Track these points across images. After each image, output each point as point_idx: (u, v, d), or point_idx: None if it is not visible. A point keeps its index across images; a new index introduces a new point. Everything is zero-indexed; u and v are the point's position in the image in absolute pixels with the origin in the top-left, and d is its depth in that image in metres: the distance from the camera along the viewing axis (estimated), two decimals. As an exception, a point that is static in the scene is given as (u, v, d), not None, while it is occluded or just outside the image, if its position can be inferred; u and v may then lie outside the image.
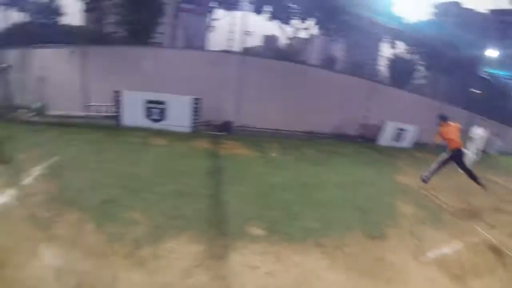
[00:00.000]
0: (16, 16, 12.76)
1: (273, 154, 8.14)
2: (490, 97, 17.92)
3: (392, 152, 10.99)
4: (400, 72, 19.92)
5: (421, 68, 20.42)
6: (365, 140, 11.36)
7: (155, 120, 9.71)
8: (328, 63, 19.48)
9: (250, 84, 9.44)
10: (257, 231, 4.68)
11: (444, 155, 7.96)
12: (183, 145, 8.48)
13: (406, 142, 12.49)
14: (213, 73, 10.31)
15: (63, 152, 7.66)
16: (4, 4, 12.94)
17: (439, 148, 8.28)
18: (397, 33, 18.72)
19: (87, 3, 14.28)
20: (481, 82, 17.48)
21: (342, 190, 6.46)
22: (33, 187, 5.75)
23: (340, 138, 10.67)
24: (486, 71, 17.53)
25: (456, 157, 7.97)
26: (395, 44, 19.95)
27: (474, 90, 17.11)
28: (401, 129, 12.11)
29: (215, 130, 9.99)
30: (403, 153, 11.37)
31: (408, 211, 6.66)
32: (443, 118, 8.41)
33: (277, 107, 10.26)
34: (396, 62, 20.41)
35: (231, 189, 5.94)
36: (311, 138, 9.91)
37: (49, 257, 4.03)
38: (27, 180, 6.04)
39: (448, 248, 5.67)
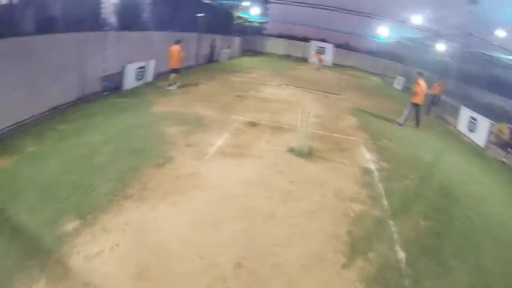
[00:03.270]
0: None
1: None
2: (214, 18, 22.36)
3: (140, 92, 12.73)
4: (127, 14, 21.26)
5: (147, 5, 22.19)
6: (111, 90, 11.84)
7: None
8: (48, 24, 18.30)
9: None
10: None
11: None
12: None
13: (147, 77, 14.49)
14: None
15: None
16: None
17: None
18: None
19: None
20: (205, 7, 21.32)
21: (109, 145, 7.36)
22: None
23: (87, 99, 10.64)
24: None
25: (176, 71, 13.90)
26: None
27: (199, 15, 20.62)
28: (141, 68, 13.77)
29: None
30: (149, 88, 13.59)
31: (174, 132, 8.83)
32: (177, 42, 13.76)
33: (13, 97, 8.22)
34: (121, 6, 21.41)
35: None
36: (57, 113, 9.10)
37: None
38: None
39: (219, 139, 8.74)
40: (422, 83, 13.17)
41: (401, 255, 5.04)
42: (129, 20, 21.45)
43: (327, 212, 5.94)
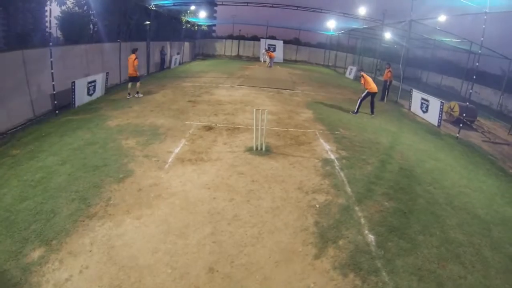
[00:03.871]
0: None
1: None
2: (162, 25, 22.39)
3: (93, 107, 12.46)
4: (73, 27, 20.66)
5: (93, 17, 21.68)
6: (64, 108, 11.45)
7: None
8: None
9: None
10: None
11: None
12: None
13: (100, 91, 14.15)
14: None
15: None
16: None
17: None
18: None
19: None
20: (152, 14, 21.77)
21: (66, 165, 7.12)
22: None
23: (39, 119, 10.37)
24: (156, 4, 21.01)
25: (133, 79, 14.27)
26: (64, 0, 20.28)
27: (146, 23, 20.41)
28: (92, 82, 13.32)
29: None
30: (102, 102, 13.26)
31: (131, 144, 8.68)
32: (133, 51, 14.14)
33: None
34: (66, 19, 20.90)
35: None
36: (8, 138, 8.84)
37: None
38: None
39: (176, 147, 8.66)
40: (365, 75, 13.78)
41: (371, 238, 5.17)
42: (75, 34, 20.91)
43: (292, 207, 5.98)
